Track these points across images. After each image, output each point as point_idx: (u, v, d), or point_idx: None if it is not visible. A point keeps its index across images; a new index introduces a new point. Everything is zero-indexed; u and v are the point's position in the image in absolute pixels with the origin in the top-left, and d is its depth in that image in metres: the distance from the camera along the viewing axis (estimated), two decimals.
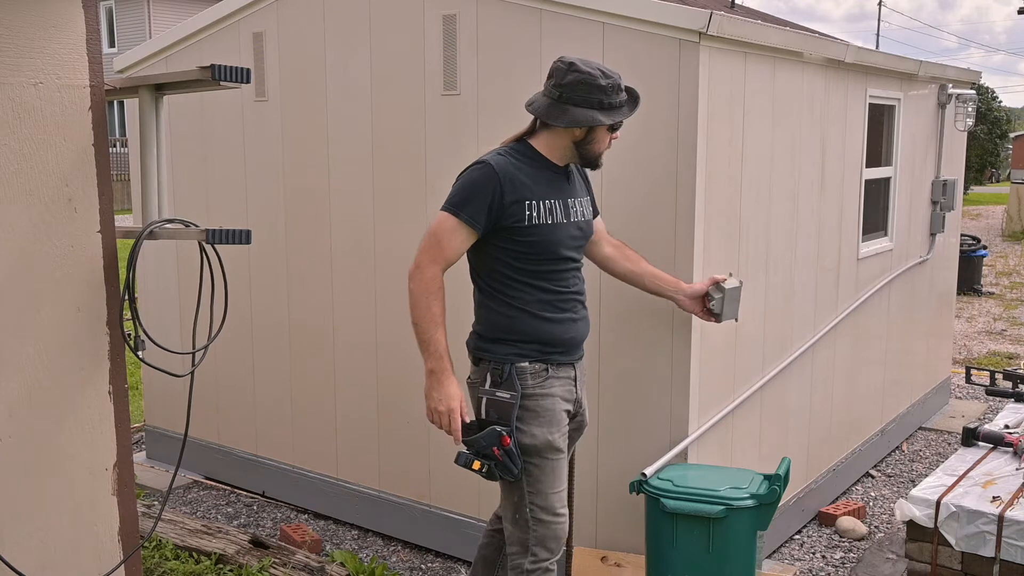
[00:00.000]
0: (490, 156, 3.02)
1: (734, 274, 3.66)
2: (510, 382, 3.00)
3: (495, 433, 2.93)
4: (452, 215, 2.95)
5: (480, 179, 2.96)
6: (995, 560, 3.72)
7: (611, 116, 2.97)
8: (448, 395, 2.95)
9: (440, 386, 2.95)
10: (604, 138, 3.05)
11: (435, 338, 2.94)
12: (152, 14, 29.63)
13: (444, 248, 2.95)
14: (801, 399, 4.69)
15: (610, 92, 2.96)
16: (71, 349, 2.43)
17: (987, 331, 10.01)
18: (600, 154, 3.08)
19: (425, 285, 2.94)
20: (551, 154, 3.05)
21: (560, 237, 3.03)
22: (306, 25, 4.62)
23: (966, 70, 6.54)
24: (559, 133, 3.02)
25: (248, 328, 5.11)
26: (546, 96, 3.00)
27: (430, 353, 2.96)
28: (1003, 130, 33.26)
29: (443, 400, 2.95)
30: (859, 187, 5.11)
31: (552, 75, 3.00)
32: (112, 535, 2.56)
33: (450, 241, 2.95)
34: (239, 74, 2.41)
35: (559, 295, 3.07)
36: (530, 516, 3.04)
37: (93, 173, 2.45)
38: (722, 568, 3.32)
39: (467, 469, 2.97)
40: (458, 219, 2.94)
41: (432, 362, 2.96)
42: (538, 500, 3.03)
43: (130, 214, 13.71)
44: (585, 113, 2.94)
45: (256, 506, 5.15)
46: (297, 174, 4.78)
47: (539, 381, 3.03)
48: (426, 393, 3.00)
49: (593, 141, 3.02)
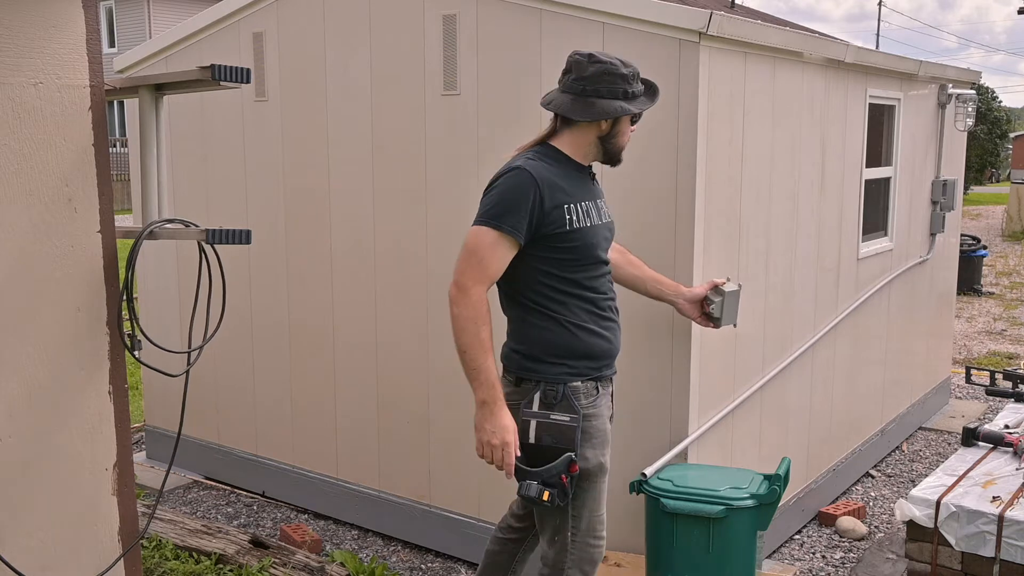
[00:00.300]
0: (522, 162, 2.84)
1: (732, 279, 3.65)
2: (567, 403, 2.84)
3: (568, 460, 2.77)
4: (491, 228, 2.75)
5: (518, 186, 2.77)
6: (995, 560, 3.72)
7: (637, 105, 2.86)
8: (502, 427, 2.75)
9: (493, 418, 2.75)
10: (627, 130, 2.94)
11: (485, 366, 2.74)
12: (152, 14, 29.63)
13: (487, 265, 2.76)
14: (801, 399, 4.69)
15: (632, 81, 2.86)
16: (71, 349, 2.43)
17: (987, 331, 10.01)
18: (623, 148, 2.97)
19: (473, 309, 2.73)
20: (576, 153, 2.92)
21: (597, 239, 2.92)
22: (306, 25, 4.62)
23: (966, 70, 6.54)
24: (583, 130, 2.89)
25: (248, 328, 5.11)
26: (566, 92, 2.88)
27: (480, 383, 2.75)
28: (1003, 130, 33.26)
29: (497, 433, 2.75)
30: (859, 187, 5.11)
31: (570, 69, 2.88)
32: (112, 535, 2.56)
33: (492, 257, 2.76)
34: (239, 74, 2.41)
35: (600, 303, 2.94)
36: (570, 539, 2.92)
37: (93, 173, 2.45)
38: (722, 568, 3.32)
39: (534, 501, 2.80)
40: (499, 232, 2.75)
41: (483, 392, 2.75)
42: (581, 523, 2.92)
43: (130, 214, 13.71)
44: (611, 104, 2.82)
45: (256, 506, 5.15)
46: (297, 174, 4.78)
47: (591, 401, 2.89)
48: (477, 425, 2.79)
49: (618, 134, 2.91)
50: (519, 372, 2.91)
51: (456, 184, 4.18)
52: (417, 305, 4.38)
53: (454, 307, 2.76)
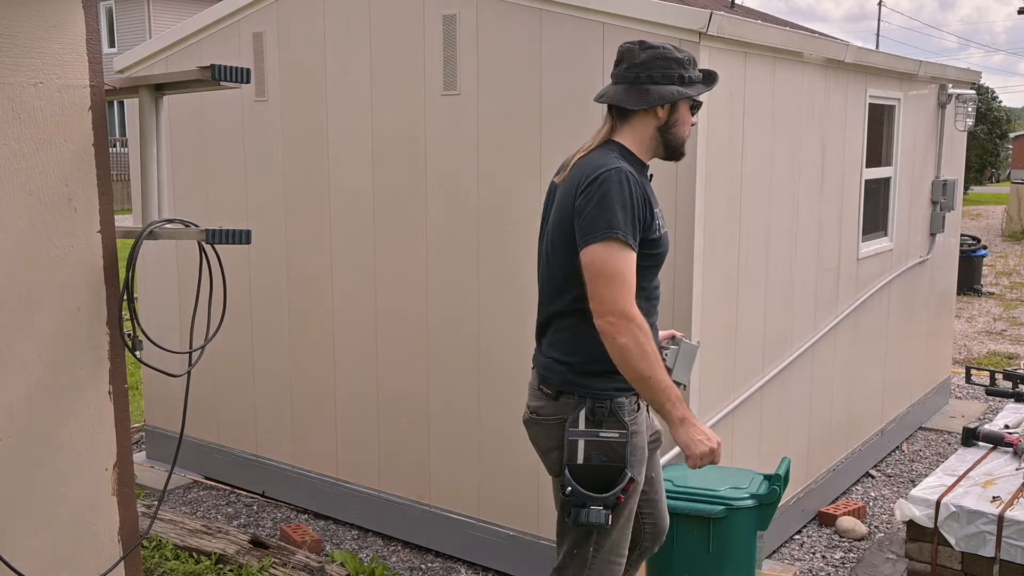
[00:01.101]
0: (614, 161, 2.63)
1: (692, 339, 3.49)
2: (615, 420, 2.67)
3: (629, 479, 2.64)
4: (616, 240, 2.53)
5: (621, 189, 2.56)
6: (995, 560, 3.72)
7: (694, 90, 2.70)
8: (710, 433, 2.65)
9: (697, 429, 2.62)
10: (688, 119, 2.75)
11: (670, 383, 2.60)
12: (152, 14, 29.62)
13: (631, 282, 2.54)
14: (801, 399, 4.69)
15: (687, 65, 2.70)
16: (71, 349, 2.42)
17: (987, 331, 10.01)
18: (685, 140, 2.77)
19: (643, 333, 2.54)
20: (639, 150, 2.73)
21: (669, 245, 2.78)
22: (306, 25, 4.62)
23: (966, 70, 6.54)
24: (643, 122, 2.70)
25: (248, 328, 5.11)
26: (620, 82, 2.70)
27: (673, 402, 2.58)
28: (1003, 130, 33.25)
29: (711, 438, 2.63)
30: (859, 187, 5.11)
31: (622, 59, 2.72)
32: (112, 535, 2.56)
33: (630, 271, 2.55)
34: (239, 74, 2.41)
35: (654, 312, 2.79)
36: (591, 555, 2.75)
37: (93, 173, 2.45)
38: (722, 568, 3.32)
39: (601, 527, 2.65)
40: (624, 241, 2.54)
41: (680, 409, 2.60)
42: (606, 541, 2.74)
43: (130, 214, 13.71)
44: (667, 89, 2.65)
45: (256, 506, 5.15)
46: (297, 174, 4.78)
47: (634, 417, 2.72)
48: (686, 441, 2.61)
49: (678, 123, 2.72)
50: (562, 385, 2.72)
51: (456, 184, 4.18)
52: (417, 304, 4.38)
53: (621, 337, 2.52)
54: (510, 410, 3.72)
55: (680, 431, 2.62)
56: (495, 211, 4.07)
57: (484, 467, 4.24)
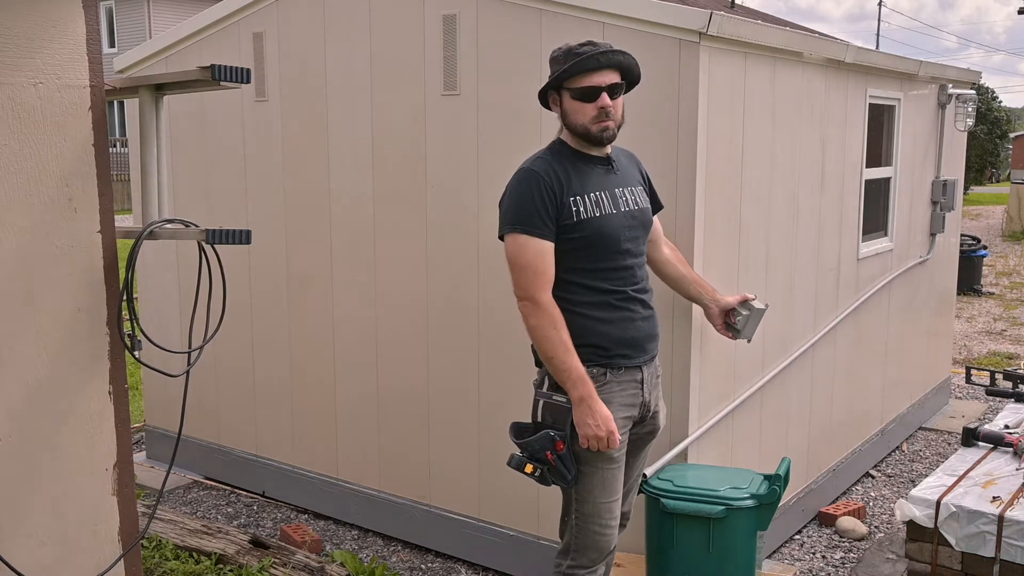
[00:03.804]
0: (527, 163, 2.98)
1: (760, 298, 3.64)
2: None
3: (548, 437, 2.88)
4: (519, 233, 2.87)
5: (525, 186, 2.90)
6: (995, 560, 3.72)
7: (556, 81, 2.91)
8: (604, 418, 2.85)
9: (592, 412, 2.84)
10: (579, 108, 2.91)
11: (573, 365, 2.84)
12: (152, 14, 29.63)
13: (543, 271, 2.87)
14: (801, 399, 4.69)
15: (562, 60, 2.92)
16: (71, 349, 2.43)
17: (987, 331, 10.01)
18: (584, 125, 2.92)
19: (547, 316, 2.84)
20: (572, 142, 3.00)
21: (612, 228, 2.96)
22: (306, 25, 4.62)
23: (966, 70, 6.54)
24: (559, 118, 3.01)
25: (248, 328, 5.11)
26: None
27: (572, 381, 2.84)
28: (1003, 130, 33.27)
29: (601, 424, 2.84)
30: (859, 187, 5.11)
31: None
32: (112, 535, 2.56)
33: (541, 260, 2.86)
34: (239, 74, 2.41)
35: (615, 294, 2.98)
36: (575, 522, 3.00)
37: (93, 173, 2.45)
38: (722, 568, 3.32)
39: (519, 472, 2.92)
40: (528, 234, 2.86)
41: (578, 389, 2.84)
42: (585, 508, 2.98)
43: (130, 214, 13.71)
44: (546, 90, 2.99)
45: (256, 506, 5.15)
46: (297, 174, 4.78)
47: (597, 387, 2.91)
48: (579, 422, 2.86)
49: (568, 113, 2.95)
50: (536, 355, 3.02)
51: (456, 184, 4.17)
52: (417, 304, 4.38)
53: (530, 319, 2.87)
54: (510, 410, 3.72)
55: (576, 411, 2.87)
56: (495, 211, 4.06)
57: (484, 467, 4.24)
